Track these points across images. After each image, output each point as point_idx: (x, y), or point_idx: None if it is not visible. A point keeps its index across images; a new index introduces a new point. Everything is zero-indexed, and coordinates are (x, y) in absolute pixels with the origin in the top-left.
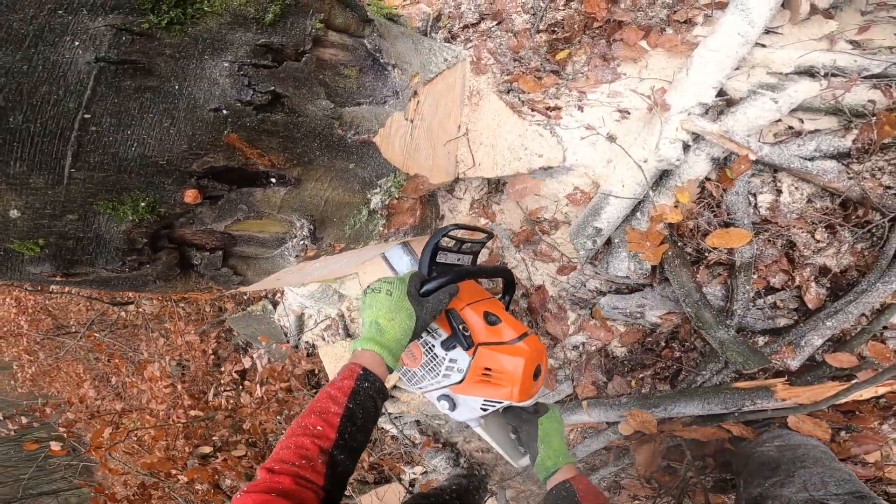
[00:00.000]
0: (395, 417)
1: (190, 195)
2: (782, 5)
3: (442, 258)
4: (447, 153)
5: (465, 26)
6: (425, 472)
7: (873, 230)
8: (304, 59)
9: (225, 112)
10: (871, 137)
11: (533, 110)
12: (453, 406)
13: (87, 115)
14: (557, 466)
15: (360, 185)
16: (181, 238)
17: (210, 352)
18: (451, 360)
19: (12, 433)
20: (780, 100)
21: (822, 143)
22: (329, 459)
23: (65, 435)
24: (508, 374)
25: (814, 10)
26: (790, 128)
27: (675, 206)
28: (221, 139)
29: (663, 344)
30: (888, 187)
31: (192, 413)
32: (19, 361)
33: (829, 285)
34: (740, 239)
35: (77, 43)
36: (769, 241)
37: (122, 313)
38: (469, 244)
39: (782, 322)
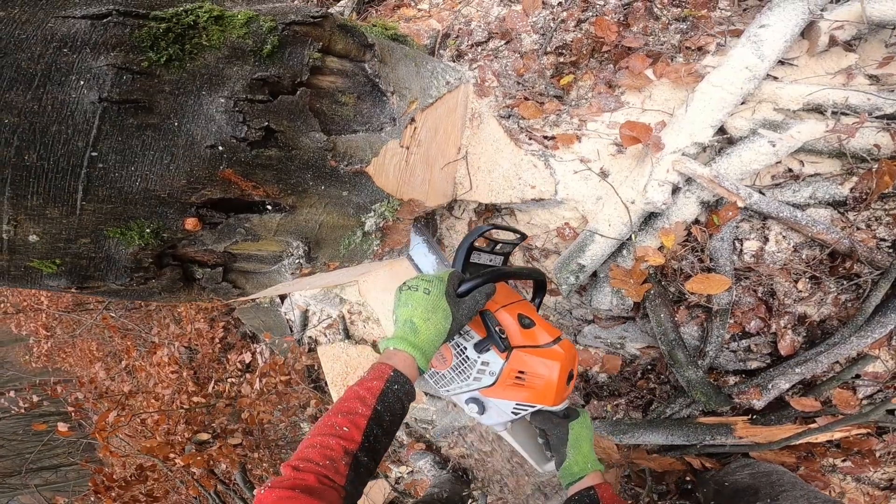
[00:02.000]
0: None
1: (190, 223)
2: (802, 35)
3: (475, 258)
4: (445, 176)
5: (473, 44)
6: (411, 471)
7: (859, 283)
8: (298, 92)
9: (220, 148)
10: (869, 186)
11: (530, 138)
12: (482, 410)
13: (94, 153)
14: (585, 473)
15: (355, 210)
16: (184, 256)
17: (217, 340)
18: (483, 363)
19: (22, 411)
20: (779, 143)
21: (818, 190)
22: (353, 461)
23: (72, 414)
24: (544, 378)
25: (833, 42)
26: (789, 170)
27: (660, 249)
28: (217, 174)
29: (640, 375)
30: (882, 239)
31: (195, 399)
32: (36, 336)
33: (805, 333)
34: (719, 286)
35: (82, 82)
36: (749, 288)
37: None
38: (501, 245)
39: (754, 365)
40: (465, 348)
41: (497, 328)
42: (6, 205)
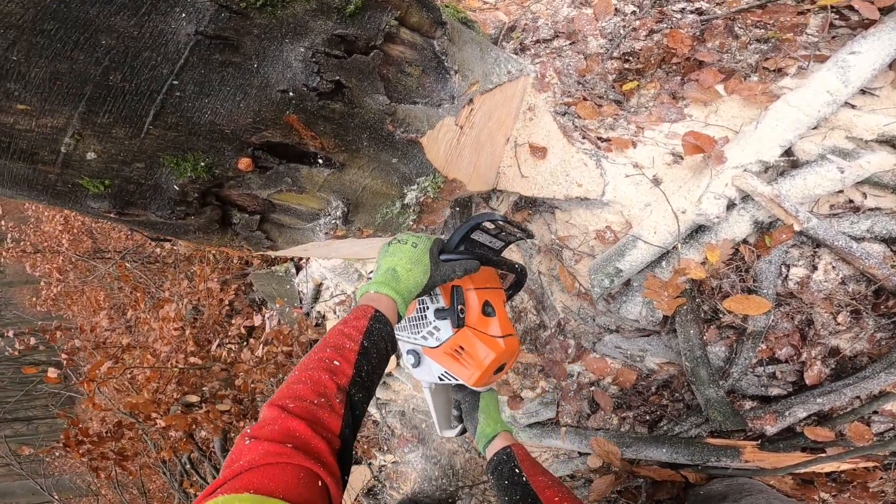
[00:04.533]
0: (382, 404)
1: (244, 163)
2: (889, 66)
3: (476, 236)
4: (490, 163)
5: (538, 41)
6: (395, 462)
7: None
8: (371, 54)
9: (291, 94)
10: None
11: (584, 138)
12: (418, 363)
13: (175, 82)
14: (496, 432)
15: (399, 180)
16: (227, 197)
17: (226, 302)
18: (435, 327)
19: (17, 353)
20: (847, 170)
21: (876, 224)
22: (347, 399)
23: (64, 362)
24: (477, 360)
25: None
26: (850, 201)
27: (702, 264)
28: (282, 118)
29: (654, 390)
30: None
31: (192, 360)
32: (48, 278)
33: (834, 366)
34: (759, 308)
35: (184, 15)
36: (788, 315)
37: (158, 249)
38: (505, 234)
39: (775, 391)
40: (427, 308)
41: (460, 307)
42: (76, 119)
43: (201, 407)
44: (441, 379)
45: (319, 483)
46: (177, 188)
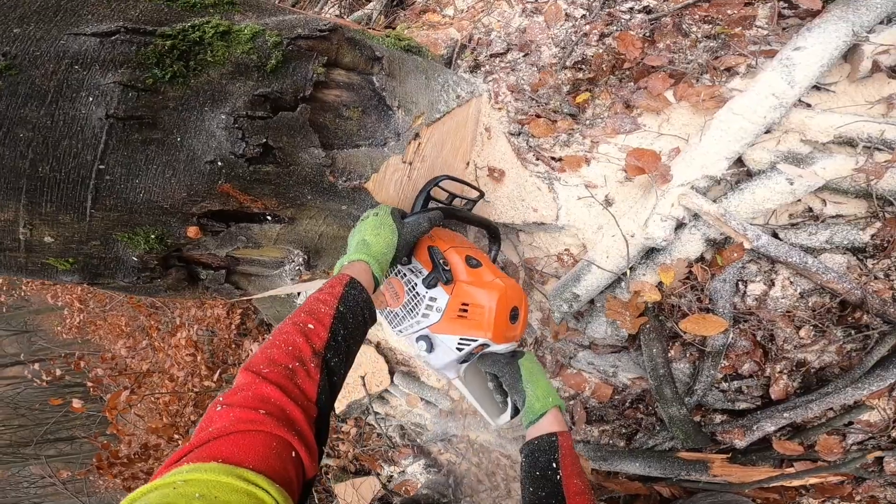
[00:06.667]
0: (381, 418)
1: (192, 231)
2: (844, 59)
3: (433, 206)
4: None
5: (491, 56)
6: (402, 471)
7: (868, 334)
8: (298, 108)
9: (220, 164)
10: (892, 234)
11: (538, 159)
12: (431, 348)
13: (101, 166)
14: (547, 408)
15: (355, 222)
16: (189, 258)
17: (234, 326)
18: (430, 299)
19: (45, 384)
20: (797, 181)
21: (836, 234)
22: (323, 364)
23: (91, 389)
24: (484, 309)
25: (877, 67)
26: (809, 209)
27: (657, 286)
28: (216, 188)
29: (628, 404)
30: None
31: (206, 383)
32: (71, 308)
33: (800, 379)
34: (715, 327)
35: (91, 99)
36: (747, 332)
37: None
38: (460, 199)
39: (742, 405)
40: (416, 284)
41: (441, 261)
42: (22, 211)
43: None
44: (460, 349)
45: (293, 453)
46: (135, 259)
